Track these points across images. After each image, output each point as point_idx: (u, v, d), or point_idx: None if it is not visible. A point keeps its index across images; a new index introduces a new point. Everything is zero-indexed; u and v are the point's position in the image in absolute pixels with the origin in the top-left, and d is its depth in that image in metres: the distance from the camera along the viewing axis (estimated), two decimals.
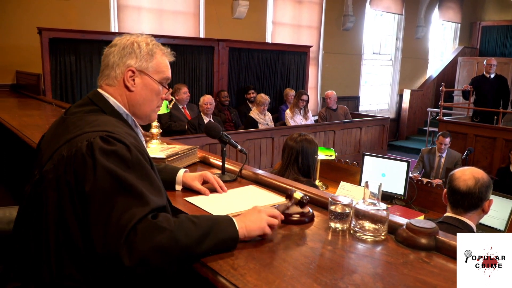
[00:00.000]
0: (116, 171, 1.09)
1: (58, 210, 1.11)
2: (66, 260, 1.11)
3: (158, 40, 4.77)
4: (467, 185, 1.92)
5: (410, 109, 10.51)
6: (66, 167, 1.12)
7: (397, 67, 10.63)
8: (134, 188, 1.08)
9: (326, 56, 8.87)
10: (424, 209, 3.01)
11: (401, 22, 10.39)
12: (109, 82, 1.33)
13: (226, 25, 7.21)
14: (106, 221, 1.03)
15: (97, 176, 1.07)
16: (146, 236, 1.02)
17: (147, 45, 1.35)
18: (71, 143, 1.15)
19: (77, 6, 5.86)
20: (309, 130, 5.87)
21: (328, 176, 3.62)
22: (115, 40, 1.36)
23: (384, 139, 7.22)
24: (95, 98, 1.32)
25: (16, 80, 5.68)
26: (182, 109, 5.64)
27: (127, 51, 1.32)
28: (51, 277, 1.11)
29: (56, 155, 1.15)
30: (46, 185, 1.13)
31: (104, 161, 1.09)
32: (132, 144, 1.16)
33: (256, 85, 6.74)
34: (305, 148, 2.53)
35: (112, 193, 1.06)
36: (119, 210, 1.04)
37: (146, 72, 1.34)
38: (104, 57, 1.35)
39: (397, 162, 3.12)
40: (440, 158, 5.22)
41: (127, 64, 1.32)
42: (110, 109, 1.31)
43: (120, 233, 1.01)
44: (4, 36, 5.43)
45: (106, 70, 1.33)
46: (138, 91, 1.34)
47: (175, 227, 1.07)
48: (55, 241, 1.11)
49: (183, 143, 3.98)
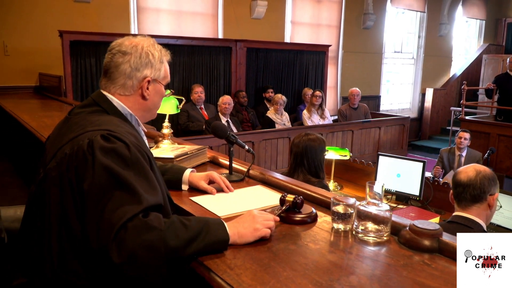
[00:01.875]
0: (113, 168, 1.11)
1: (61, 207, 1.14)
2: (68, 256, 1.13)
3: (176, 41, 4.81)
4: (468, 176, 1.94)
5: (433, 108, 10.30)
6: (68, 165, 1.15)
7: (420, 66, 10.44)
8: (129, 186, 1.10)
9: (346, 55, 8.79)
10: (441, 210, 2.95)
11: (423, 20, 10.19)
12: (124, 92, 1.35)
13: (245, 25, 7.22)
14: (100, 217, 1.06)
15: (95, 172, 1.10)
16: (135, 234, 1.03)
17: (158, 53, 1.38)
18: (73, 142, 1.18)
19: (98, 9, 5.97)
20: (327, 130, 5.83)
21: (343, 176, 3.59)
22: (125, 47, 1.34)
23: (404, 139, 7.10)
24: (98, 99, 1.34)
25: (39, 82, 5.84)
26: (199, 109, 5.69)
27: (144, 61, 1.34)
28: (53, 273, 1.14)
29: (59, 153, 1.19)
30: (50, 182, 1.17)
31: (102, 158, 1.11)
32: (132, 143, 1.19)
33: (274, 85, 6.73)
34: (310, 148, 2.51)
35: (108, 189, 1.09)
36: (112, 206, 1.06)
37: (158, 80, 1.39)
38: (115, 63, 1.33)
39: (413, 162, 3.06)
40: (460, 157, 5.10)
41: (144, 75, 1.35)
42: (113, 110, 1.33)
43: (111, 229, 1.03)
44: (27, 39, 5.58)
45: (121, 79, 1.33)
46: (151, 98, 1.39)
47: (165, 227, 1.08)
48: (57, 237, 1.14)
49: (201, 143, 4.01)
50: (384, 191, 3.06)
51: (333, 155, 3.32)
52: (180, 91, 5.87)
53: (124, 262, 1.01)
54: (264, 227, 1.23)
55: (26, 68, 5.70)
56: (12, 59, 5.58)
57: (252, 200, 1.62)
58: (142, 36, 1.41)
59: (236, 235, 1.19)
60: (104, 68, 1.37)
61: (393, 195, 3.16)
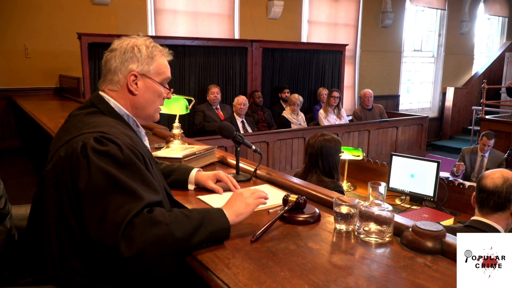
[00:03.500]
0: (109, 170, 1.12)
1: (59, 208, 1.16)
2: (68, 254, 1.15)
3: (192, 42, 4.84)
4: (494, 183, 1.86)
5: (454, 108, 10.10)
6: (63, 167, 1.17)
7: (440, 64, 10.26)
8: (127, 186, 1.12)
9: (363, 54, 8.70)
10: (456, 211, 2.89)
11: (444, 18, 10.01)
12: (112, 87, 1.37)
13: (261, 25, 7.23)
14: (102, 218, 1.07)
15: (91, 175, 1.11)
16: (143, 229, 1.06)
17: (147, 48, 1.37)
18: (68, 145, 1.20)
19: (116, 11, 6.07)
20: (343, 130, 5.78)
21: (357, 177, 3.56)
22: (114, 44, 1.38)
23: (423, 139, 6.98)
24: (95, 100, 1.36)
25: (59, 84, 5.96)
26: (215, 110, 5.71)
27: (128, 55, 1.35)
28: (55, 271, 1.16)
29: (55, 156, 1.21)
30: (47, 184, 1.19)
31: (96, 161, 1.13)
32: (125, 144, 1.19)
33: (290, 85, 6.71)
34: (325, 148, 2.49)
35: (106, 191, 1.10)
36: (114, 207, 1.08)
37: (148, 75, 1.38)
38: (105, 62, 1.38)
39: (427, 163, 3.01)
40: (483, 158, 4.98)
41: (129, 69, 1.35)
42: (110, 111, 1.35)
43: (117, 228, 1.05)
44: (47, 42, 5.72)
45: (108, 75, 1.37)
46: (141, 94, 1.38)
47: (170, 221, 1.10)
48: (56, 237, 1.16)
49: (215, 143, 4.03)
50: (398, 191, 3.05)
51: (346, 155, 3.29)
52: (196, 91, 5.92)
53: (134, 256, 1.03)
54: (254, 199, 1.31)
55: (46, 70, 5.84)
56: (33, 61, 5.72)
57: None
58: (141, 36, 1.42)
59: (233, 216, 1.24)
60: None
61: (407, 196, 3.11)
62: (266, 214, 1.45)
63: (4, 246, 1.36)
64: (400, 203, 3.08)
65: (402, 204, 3.06)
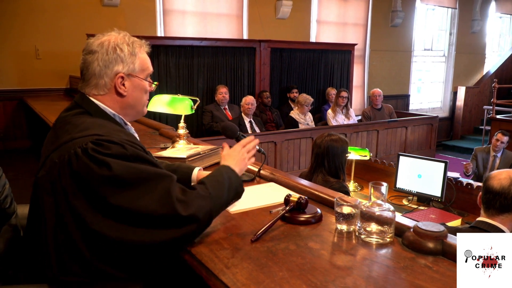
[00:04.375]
0: (126, 164, 1.15)
1: (56, 216, 1.15)
2: (66, 258, 1.15)
3: (200, 42, 4.85)
4: (501, 184, 1.84)
5: (465, 107, 9.99)
6: (60, 173, 1.15)
7: (451, 63, 10.16)
8: (150, 171, 1.18)
9: (373, 53, 8.66)
10: (464, 212, 2.86)
11: (454, 16, 9.91)
12: (98, 91, 1.32)
13: (269, 25, 7.23)
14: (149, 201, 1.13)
15: (114, 172, 1.12)
16: (194, 201, 1.19)
17: (128, 46, 1.33)
18: (61, 150, 1.17)
19: (125, 12, 6.12)
20: (351, 130, 5.75)
21: (364, 177, 3.54)
22: (93, 46, 1.31)
23: (433, 139, 6.91)
24: (80, 100, 1.33)
25: (70, 84, 6.02)
26: (223, 110, 5.73)
27: (111, 57, 1.30)
28: (53, 275, 1.16)
29: (48, 161, 1.19)
30: (42, 191, 1.18)
31: (110, 159, 1.13)
32: (123, 141, 1.19)
33: (298, 85, 6.69)
34: (331, 148, 2.49)
35: (134, 182, 1.14)
36: (152, 189, 1.15)
37: (134, 74, 1.35)
38: (85, 65, 1.32)
39: (434, 163, 2.98)
40: (495, 158, 4.93)
41: (115, 71, 1.31)
42: (96, 110, 1.31)
43: (170, 201, 1.14)
44: (58, 43, 5.78)
45: (92, 79, 1.31)
46: (129, 94, 1.35)
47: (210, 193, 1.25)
48: (54, 241, 1.15)
49: (223, 143, 4.04)
50: (405, 192, 3.02)
51: (353, 156, 3.28)
52: (204, 91, 5.94)
53: (189, 217, 1.16)
54: (249, 156, 1.53)
55: (57, 71, 5.90)
56: (44, 62, 5.79)
57: (263, 196, 1.63)
58: (115, 31, 1.36)
59: (238, 171, 1.43)
60: (80, 70, 1.35)
61: (414, 196, 3.09)
62: (267, 214, 1.46)
63: (9, 244, 1.38)
64: (407, 204, 3.05)
65: (409, 204, 3.04)
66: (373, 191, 1.30)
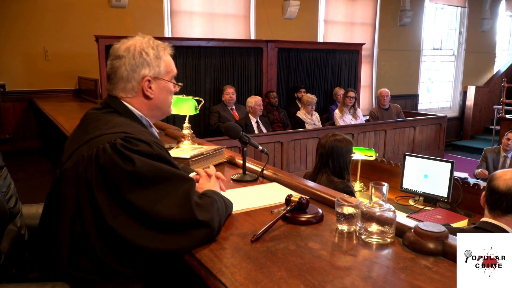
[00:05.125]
0: (150, 162, 1.19)
1: (76, 206, 1.18)
2: (78, 252, 1.18)
3: (207, 43, 4.86)
4: (507, 185, 1.81)
5: (475, 107, 9.89)
6: (86, 167, 1.19)
7: (461, 63, 10.07)
8: (172, 172, 1.23)
9: (381, 53, 8.61)
10: (471, 212, 2.83)
11: (464, 15, 9.82)
12: (126, 94, 1.38)
13: (277, 26, 7.23)
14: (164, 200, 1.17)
15: (137, 169, 1.16)
16: (208, 207, 1.25)
17: (153, 49, 1.38)
18: (90, 144, 1.22)
19: (133, 14, 6.16)
20: (359, 130, 5.73)
21: (370, 177, 3.52)
22: (120, 51, 1.37)
23: (441, 139, 6.85)
24: (109, 101, 1.39)
25: (78, 85, 6.09)
26: (230, 110, 5.74)
27: (138, 61, 1.35)
28: (62, 266, 1.18)
29: (76, 154, 1.23)
30: (66, 182, 1.21)
31: (136, 156, 1.17)
32: (150, 141, 1.24)
33: (306, 85, 6.68)
34: (336, 148, 2.48)
35: (157, 181, 1.18)
36: (172, 190, 1.19)
37: (159, 77, 1.40)
38: (113, 69, 1.37)
39: (441, 163, 2.96)
40: (506, 159, 4.86)
41: (142, 75, 1.36)
42: (125, 110, 1.37)
43: (189, 204, 1.19)
44: (67, 45, 5.84)
45: (120, 83, 1.37)
46: (156, 96, 1.41)
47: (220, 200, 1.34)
48: (69, 233, 1.18)
49: (230, 144, 4.03)
50: (411, 192, 3.01)
51: (358, 156, 3.26)
52: (212, 92, 5.95)
53: (205, 221, 1.20)
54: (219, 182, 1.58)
55: (65, 72, 5.96)
56: (53, 63, 5.85)
57: (265, 196, 1.63)
58: (139, 36, 1.42)
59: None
60: (107, 74, 1.41)
61: (420, 197, 3.06)
62: (269, 214, 1.46)
63: (14, 243, 1.40)
64: (413, 204, 3.03)
65: (416, 205, 3.02)
66: (374, 191, 1.29)
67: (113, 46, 1.40)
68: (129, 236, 1.14)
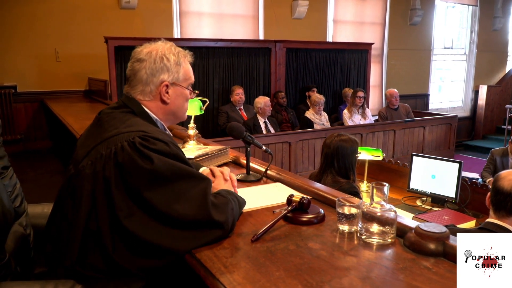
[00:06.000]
0: (168, 161, 1.21)
1: (91, 203, 1.20)
2: (90, 250, 1.19)
3: (216, 43, 4.88)
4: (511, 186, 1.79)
5: (487, 106, 9.77)
6: (105, 165, 1.21)
7: (472, 62, 9.96)
8: (189, 171, 1.25)
9: (391, 53, 8.56)
10: (479, 213, 2.80)
11: (475, 14, 9.72)
12: (144, 97, 1.40)
13: (286, 26, 7.22)
14: (182, 200, 1.19)
15: (155, 167, 1.18)
16: (224, 207, 1.26)
17: (174, 56, 1.41)
18: (108, 142, 1.24)
19: (142, 15, 6.21)
20: (367, 130, 5.70)
21: (378, 177, 3.50)
22: (141, 54, 1.39)
23: (451, 139, 6.78)
24: (126, 100, 1.41)
25: (89, 86, 6.15)
26: (239, 111, 5.75)
27: (158, 66, 1.38)
28: (71, 262, 1.20)
29: (94, 152, 1.25)
30: (83, 179, 1.23)
31: (154, 154, 1.20)
32: (167, 140, 1.27)
33: (312, 84, 6.67)
34: (341, 149, 2.47)
35: (174, 179, 1.21)
36: (189, 188, 1.22)
37: (177, 83, 1.43)
38: (133, 71, 1.40)
39: (448, 163, 2.93)
40: None
41: (161, 80, 1.39)
42: (141, 111, 1.39)
43: (205, 204, 1.21)
44: (77, 46, 5.91)
45: (139, 85, 1.39)
46: (172, 101, 1.43)
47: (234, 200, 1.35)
48: (83, 229, 1.20)
49: (237, 144, 4.04)
50: (419, 192, 2.98)
51: (366, 156, 3.25)
52: (220, 92, 5.97)
53: (223, 221, 1.23)
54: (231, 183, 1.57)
55: (76, 73, 6.04)
56: (64, 65, 5.92)
57: (268, 196, 1.64)
58: (162, 41, 1.45)
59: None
60: (127, 76, 1.44)
61: (428, 197, 3.04)
62: (270, 214, 1.46)
63: (19, 242, 1.42)
64: (421, 205, 3.01)
65: (423, 205, 3.00)
66: (375, 192, 1.28)
67: (135, 49, 1.43)
68: (142, 234, 1.15)
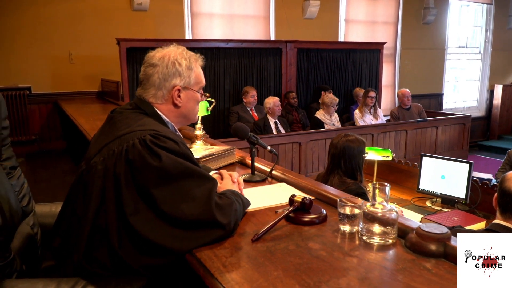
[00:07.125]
0: (177, 159, 1.24)
1: (101, 199, 1.23)
2: (97, 247, 1.21)
3: (226, 44, 4.91)
4: None
5: (503, 106, 9.60)
6: (116, 161, 1.24)
7: (487, 61, 9.81)
8: (196, 171, 1.27)
9: (404, 52, 8.47)
10: (490, 214, 2.76)
11: (490, 12, 9.57)
12: (156, 100, 1.45)
13: (297, 26, 7.20)
14: (187, 198, 1.21)
15: (164, 165, 1.21)
16: (227, 209, 1.28)
17: (185, 60, 1.45)
18: (121, 140, 1.27)
19: (154, 16, 6.25)
20: (379, 130, 5.65)
21: (388, 178, 3.47)
22: (154, 59, 1.44)
23: (465, 139, 6.68)
24: (138, 101, 1.45)
25: (101, 88, 6.22)
26: (250, 111, 5.76)
27: (170, 71, 1.42)
28: (78, 258, 1.22)
29: (106, 149, 1.28)
30: (94, 175, 1.26)
31: (163, 152, 1.23)
32: (177, 140, 1.29)
33: (326, 85, 6.64)
34: (348, 149, 2.45)
35: (181, 177, 1.23)
36: (195, 187, 1.23)
37: (189, 87, 1.47)
38: (146, 75, 1.44)
39: (459, 164, 2.89)
40: None
41: (173, 84, 1.43)
42: (153, 112, 1.43)
43: (209, 202, 1.23)
44: (90, 48, 5.98)
45: (152, 89, 1.43)
46: (184, 105, 1.47)
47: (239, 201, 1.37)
48: (92, 225, 1.22)
49: (246, 144, 4.04)
50: (428, 193, 2.95)
51: (374, 156, 3.22)
52: (231, 93, 5.99)
53: (227, 223, 1.24)
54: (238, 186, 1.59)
55: (89, 74, 6.11)
56: (77, 66, 6.00)
57: (271, 196, 1.64)
58: (174, 46, 1.48)
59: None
60: (140, 80, 1.48)
61: (437, 198, 3.01)
62: (273, 214, 1.46)
63: (26, 241, 1.45)
64: (430, 205, 2.98)
65: (433, 206, 2.96)
66: (377, 192, 1.28)
67: (148, 54, 1.47)
68: (145, 232, 1.17)
